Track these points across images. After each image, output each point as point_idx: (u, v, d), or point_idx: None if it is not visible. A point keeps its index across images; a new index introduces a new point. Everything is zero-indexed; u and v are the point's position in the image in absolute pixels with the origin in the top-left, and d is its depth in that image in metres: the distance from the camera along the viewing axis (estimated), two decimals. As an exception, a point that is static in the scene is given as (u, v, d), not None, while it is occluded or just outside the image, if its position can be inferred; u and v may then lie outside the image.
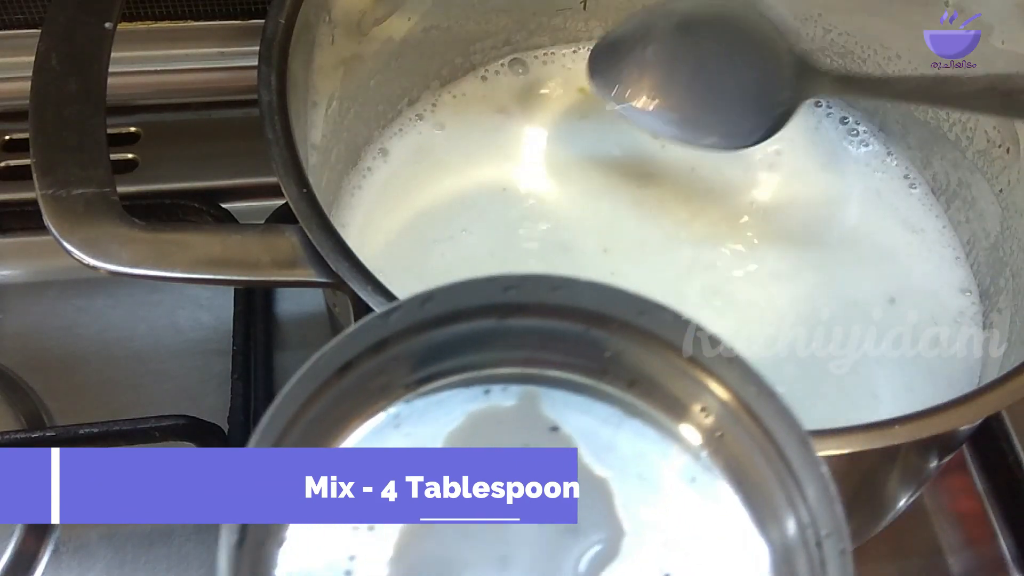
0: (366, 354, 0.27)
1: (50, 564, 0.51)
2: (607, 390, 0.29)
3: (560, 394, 0.29)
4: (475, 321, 0.28)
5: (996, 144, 0.52)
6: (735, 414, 0.27)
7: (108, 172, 0.40)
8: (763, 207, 0.56)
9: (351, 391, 0.27)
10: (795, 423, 0.26)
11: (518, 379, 0.29)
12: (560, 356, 0.29)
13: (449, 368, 0.29)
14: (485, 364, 0.29)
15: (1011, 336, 0.49)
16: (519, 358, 0.29)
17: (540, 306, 0.28)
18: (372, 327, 0.27)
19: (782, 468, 0.26)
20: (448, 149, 0.57)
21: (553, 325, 0.28)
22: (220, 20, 0.67)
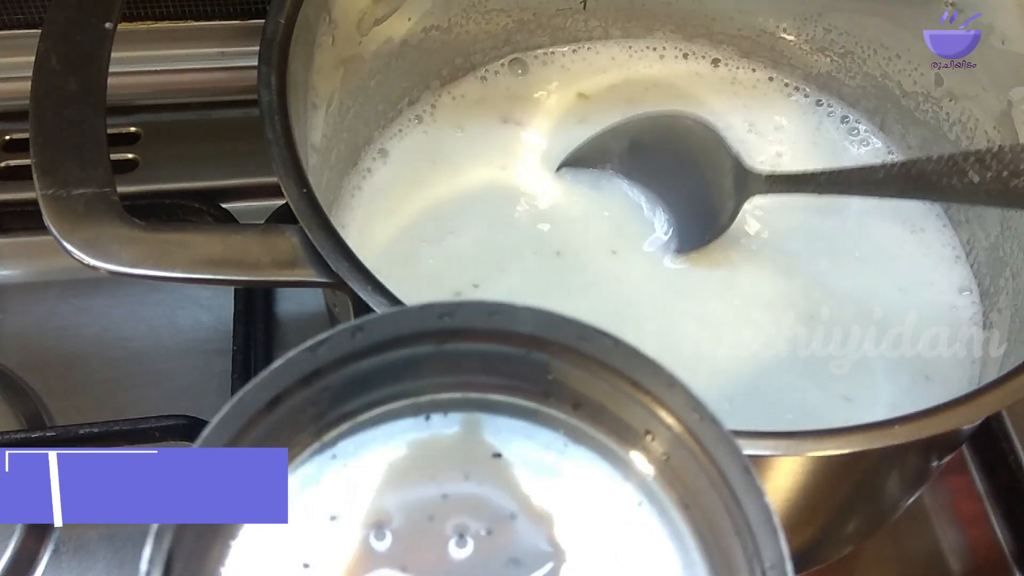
0: (295, 387, 0.26)
1: (50, 564, 0.51)
2: (551, 413, 0.28)
3: (503, 419, 0.28)
4: (412, 347, 0.27)
5: (996, 144, 0.52)
6: (681, 439, 0.26)
7: (108, 172, 0.40)
8: (763, 207, 0.56)
9: (281, 425, 0.26)
10: (737, 451, 0.25)
11: (459, 404, 0.28)
12: (502, 379, 0.28)
13: (387, 395, 0.28)
14: (424, 390, 0.28)
15: (1011, 336, 0.49)
16: (459, 382, 0.28)
17: (478, 331, 0.27)
18: (299, 361, 0.26)
19: (728, 496, 0.26)
20: (448, 149, 0.57)
21: (493, 349, 0.27)
22: (220, 20, 0.67)
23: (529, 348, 0.27)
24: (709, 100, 0.61)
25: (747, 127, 0.59)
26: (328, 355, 0.26)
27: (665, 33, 0.62)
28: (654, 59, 0.62)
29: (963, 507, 0.55)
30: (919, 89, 0.56)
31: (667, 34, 0.62)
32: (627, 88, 0.61)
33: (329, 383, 0.27)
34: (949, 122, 0.55)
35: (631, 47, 0.62)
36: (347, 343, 0.27)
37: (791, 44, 0.61)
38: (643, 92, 0.61)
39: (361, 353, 0.27)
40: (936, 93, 0.55)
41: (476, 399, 0.28)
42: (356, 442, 0.27)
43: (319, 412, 0.27)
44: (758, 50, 0.62)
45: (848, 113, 0.60)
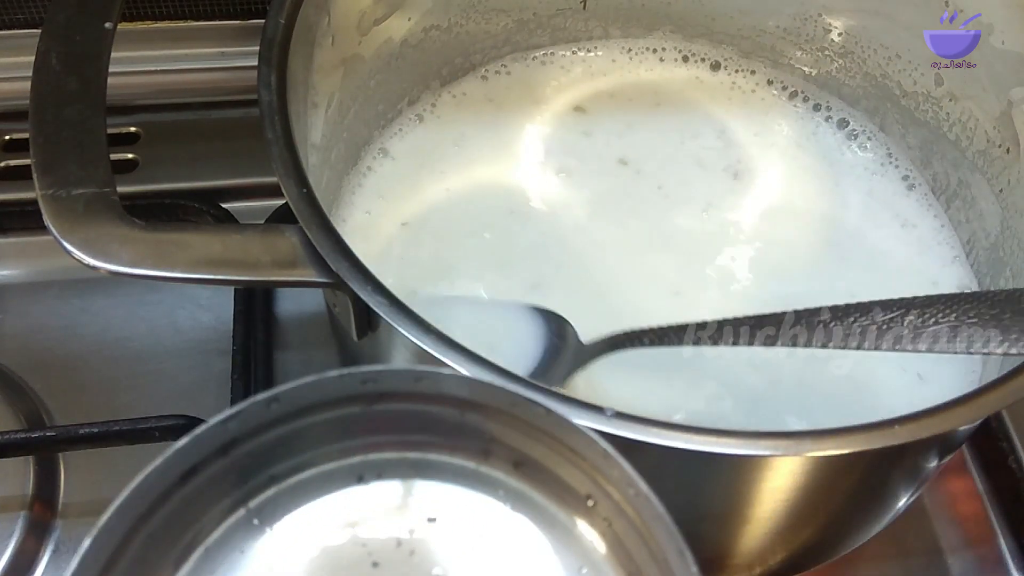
0: (212, 457, 0.25)
1: (50, 564, 0.51)
2: (491, 474, 0.27)
3: (439, 483, 0.27)
4: (337, 410, 0.26)
5: (996, 144, 0.52)
6: (621, 508, 0.26)
7: (108, 172, 0.40)
8: (764, 208, 0.56)
9: (201, 494, 0.25)
10: (672, 530, 0.24)
11: (394, 465, 0.27)
12: (439, 438, 0.27)
13: (317, 457, 0.26)
14: (357, 451, 0.27)
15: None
16: (394, 442, 0.27)
17: (408, 394, 0.26)
18: (210, 435, 0.25)
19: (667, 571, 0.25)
20: (448, 149, 0.57)
21: (427, 409, 0.26)
22: (220, 20, 0.67)
23: (463, 410, 0.26)
24: (707, 104, 0.61)
25: (743, 136, 0.59)
26: (242, 427, 0.25)
27: (665, 33, 0.62)
28: (654, 62, 0.62)
29: (963, 507, 0.55)
30: (919, 89, 0.56)
31: (667, 34, 0.62)
32: (627, 91, 0.61)
33: (250, 449, 0.26)
34: (949, 122, 0.55)
35: (631, 48, 0.62)
36: (262, 414, 0.25)
37: (791, 44, 0.61)
38: (643, 95, 0.61)
39: (279, 420, 0.26)
40: (936, 93, 0.55)
41: (413, 459, 0.27)
42: (284, 507, 0.26)
43: (242, 477, 0.26)
44: (758, 50, 0.62)
45: (847, 115, 0.60)
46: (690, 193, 0.56)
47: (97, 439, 0.50)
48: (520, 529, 0.27)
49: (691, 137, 0.59)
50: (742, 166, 0.58)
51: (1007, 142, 0.51)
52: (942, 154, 0.56)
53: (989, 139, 0.53)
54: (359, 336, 0.42)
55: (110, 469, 0.53)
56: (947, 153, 0.56)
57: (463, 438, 0.27)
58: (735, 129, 0.59)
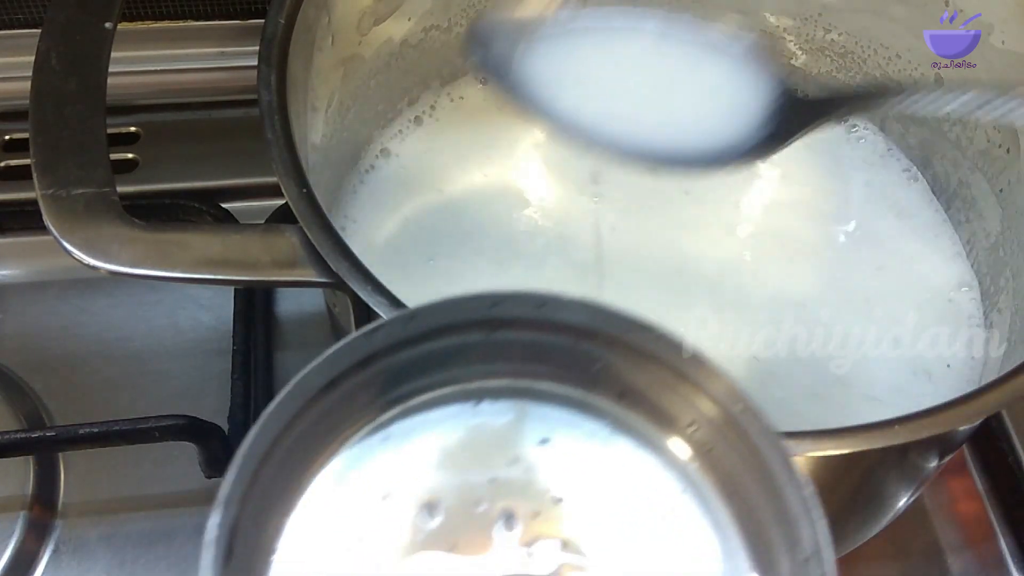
0: (351, 371, 0.27)
1: (50, 564, 0.51)
2: (597, 402, 0.29)
3: (550, 407, 0.29)
4: (462, 335, 0.28)
5: (996, 144, 0.52)
6: (723, 430, 0.27)
7: (108, 172, 0.40)
8: (763, 206, 0.56)
9: (336, 408, 0.27)
10: (779, 443, 0.26)
11: (508, 392, 0.29)
12: (549, 368, 0.29)
13: (437, 381, 0.29)
14: (474, 377, 0.29)
15: (1011, 336, 0.49)
16: (508, 370, 0.29)
17: (527, 321, 0.28)
18: (356, 346, 0.27)
19: (770, 486, 0.26)
20: (448, 149, 0.57)
21: (541, 338, 0.28)
22: (220, 20, 0.67)
23: (576, 338, 0.28)
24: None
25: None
26: (383, 341, 0.27)
27: (665, 33, 0.62)
28: (654, 59, 0.62)
29: (963, 507, 0.55)
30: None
31: (667, 34, 0.62)
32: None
33: (383, 367, 0.28)
34: (949, 122, 0.55)
35: (631, 47, 0.62)
36: (401, 330, 0.27)
37: (791, 44, 0.61)
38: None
39: (413, 340, 0.28)
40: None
41: (524, 387, 0.29)
42: (408, 425, 0.28)
43: (373, 396, 0.28)
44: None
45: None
46: (693, 188, 0.56)
47: (97, 439, 0.50)
48: (624, 454, 0.28)
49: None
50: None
51: (1007, 142, 0.51)
52: (942, 154, 0.56)
53: (989, 139, 0.53)
54: (359, 336, 0.42)
55: (110, 469, 0.53)
56: (947, 153, 0.56)
57: (572, 369, 0.29)
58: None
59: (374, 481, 0.28)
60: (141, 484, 0.53)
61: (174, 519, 0.52)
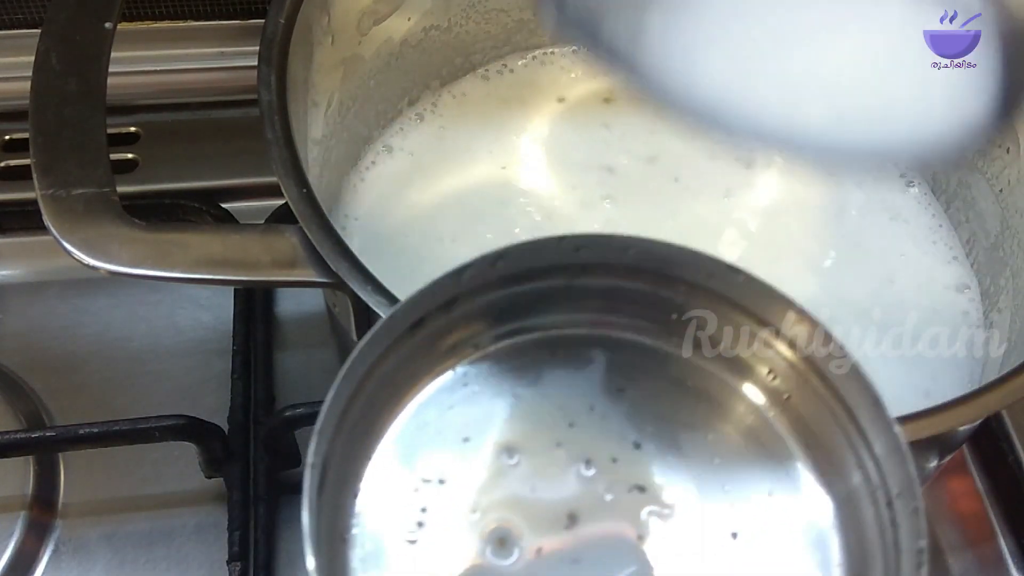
0: (437, 312, 0.28)
1: (50, 564, 0.51)
2: (673, 352, 0.29)
3: (626, 355, 0.29)
4: (544, 281, 0.28)
5: (996, 144, 0.52)
6: (804, 376, 0.27)
7: (108, 172, 0.40)
8: (762, 208, 0.56)
9: (422, 348, 0.28)
10: (868, 384, 0.26)
11: (585, 340, 0.29)
12: (627, 318, 0.29)
13: (517, 328, 0.29)
14: (553, 325, 0.29)
15: (1011, 336, 0.49)
16: (587, 319, 0.29)
17: (609, 266, 0.28)
18: (444, 284, 0.27)
19: (852, 429, 0.26)
20: (448, 149, 0.57)
21: (621, 285, 0.28)
22: (220, 20, 0.67)
23: (656, 286, 0.28)
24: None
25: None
26: (471, 281, 0.28)
27: (665, 33, 0.62)
28: (654, 59, 0.62)
29: (963, 507, 0.55)
30: (919, 89, 0.56)
31: (667, 34, 0.62)
32: (627, 91, 0.61)
33: (466, 311, 0.28)
34: (949, 122, 0.55)
35: (631, 47, 0.62)
36: (489, 270, 0.28)
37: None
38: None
39: (498, 283, 0.28)
40: (936, 93, 0.55)
41: (601, 336, 0.29)
42: (488, 370, 0.29)
43: (456, 341, 0.29)
44: (758, 50, 0.61)
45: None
46: (700, 185, 0.56)
47: (97, 439, 0.50)
48: (699, 402, 0.29)
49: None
50: (744, 156, 0.58)
51: (1007, 142, 0.51)
52: (942, 154, 0.56)
53: (989, 139, 0.53)
54: (359, 336, 0.42)
55: (110, 469, 0.53)
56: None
57: (649, 319, 0.29)
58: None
59: (455, 424, 0.28)
60: (141, 484, 0.53)
61: (174, 519, 0.52)
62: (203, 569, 0.51)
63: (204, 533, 0.51)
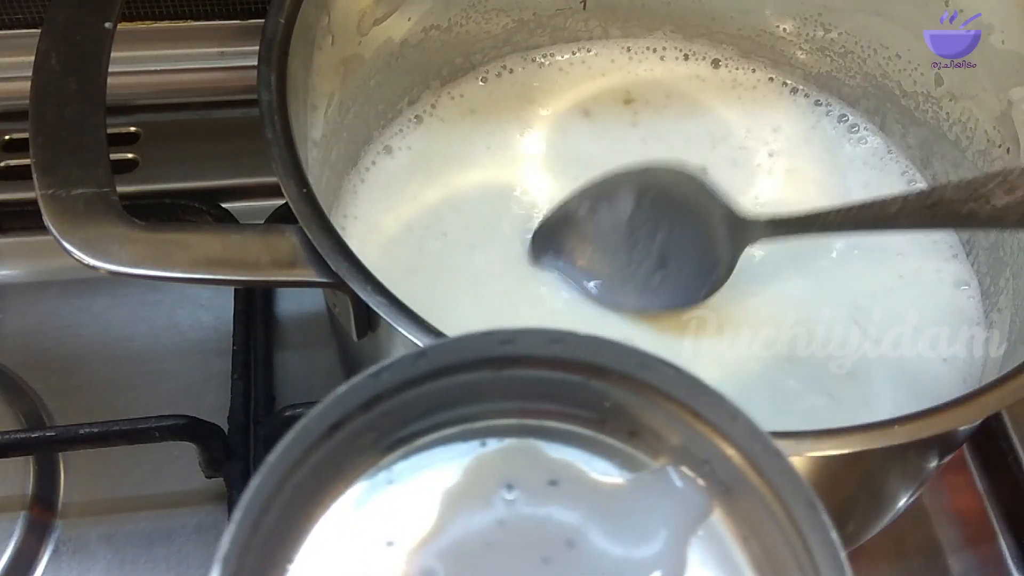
0: (356, 412, 0.26)
1: (50, 564, 0.51)
2: (607, 441, 0.28)
3: (558, 446, 0.28)
4: (470, 373, 0.27)
5: (996, 144, 0.52)
6: (741, 471, 0.26)
7: (108, 172, 0.40)
8: (764, 206, 0.56)
9: (341, 450, 0.26)
10: (802, 485, 0.25)
11: (515, 431, 0.28)
12: (559, 406, 0.28)
13: (443, 421, 0.28)
14: (481, 416, 0.28)
15: (1011, 336, 0.49)
16: (516, 409, 0.28)
17: (537, 358, 0.27)
18: (361, 387, 0.26)
19: (790, 529, 0.25)
20: (448, 149, 0.57)
21: (551, 376, 0.27)
22: (220, 20, 0.67)
23: (587, 376, 0.27)
24: (709, 102, 0.61)
25: (745, 131, 0.59)
26: (390, 380, 0.26)
27: (665, 33, 0.62)
28: (654, 60, 0.62)
29: (963, 507, 0.55)
30: (919, 89, 0.56)
31: (667, 34, 0.62)
32: (628, 90, 0.61)
33: (388, 408, 0.27)
34: (949, 122, 0.55)
35: (631, 47, 0.62)
36: (409, 369, 0.27)
37: (791, 44, 0.61)
38: (643, 93, 0.61)
39: (421, 379, 0.27)
40: (936, 93, 0.55)
41: (532, 425, 0.28)
42: (413, 466, 0.28)
43: (378, 437, 0.27)
44: (758, 50, 0.62)
45: (847, 112, 0.60)
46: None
47: (97, 439, 0.50)
48: (636, 494, 0.28)
49: (695, 132, 0.59)
50: (746, 159, 0.58)
51: (1007, 142, 0.51)
52: (942, 154, 0.56)
53: (989, 139, 0.53)
54: (359, 336, 0.42)
55: (110, 469, 0.53)
56: (947, 153, 0.56)
57: (582, 407, 0.28)
58: (738, 123, 0.60)
59: (378, 527, 0.27)
60: (141, 484, 0.53)
61: (174, 519, 0.52)
62: (203, 569, 0.50)
63: (204, 533, 0.51)
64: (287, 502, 0.25)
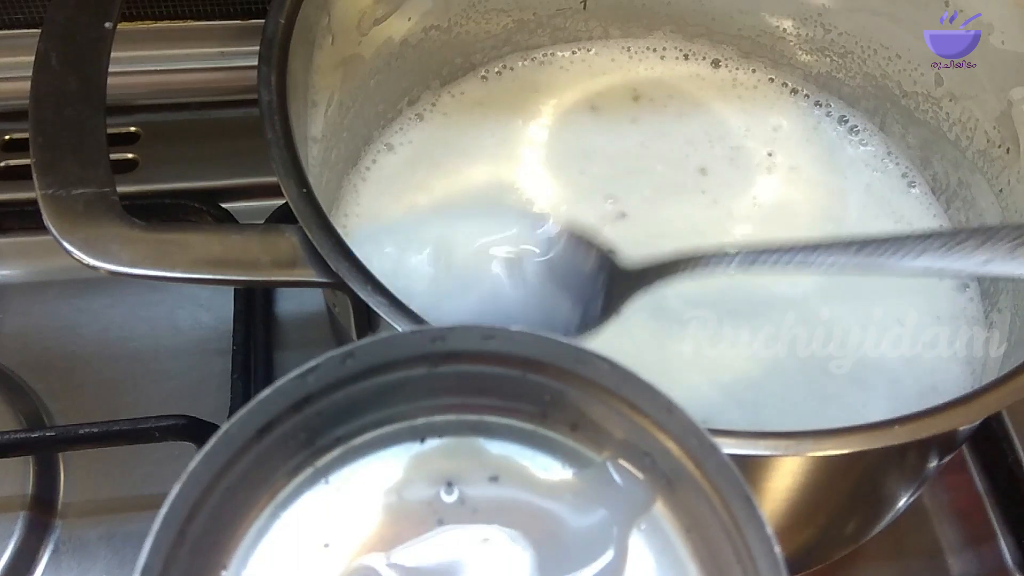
0: (286, 413, 0.26)
1: (50, 564, 0.51)
2: (549, 435, 0.28)
3: (499, 442, 0.28)
4: (405, 370, 0.27)
5: (996, 144, 0.52)
6: (682, 464, 0.26)
7: (108, 172, 0.40)
8: (763, 207, 0.56)
9: (272, 452, 0.26)
10: (737, 480, 0.25)
11: (454, 427, 0.28)
12: (498, 401, 0.28)
13: (381, 419, 0.27)
14: (419, 413, 0.28)
15: (1011, 336, 0.49)
16: (455, 404, 0.28)
17: (473, 354, 0.27)
18: (289, 389, 0.26)
19: (728, 522, 0.25)
20: (448, 149, 0.57)
21: (488, 371, 0.27)
22: (220, 20, 0.67)
23: (525, 370, 0.27)
24: (709, 101, 0.61)
25: (744, 131, 0.59)
26: (318, 382, 0.26)
27: (665, 33, 0.62)
28: (654, 60, 0.62)
29: (963, 506, 0.55)
30: (919, 89, 0.56)
31: (667, 34, 0.62)
32: (628, 89, 0.61)
33: (321, 408, 0.26)
34: (949, 122, 0.55)
35: (631, 47, 0.62)
36: (337, 369, 0.26)
37: (791, 44, 0.61)
38: (643, 93, 0.61)
39: (352, 378, 0.26)
40: (936, 93, 0.55)
41: (472, 421, 0.28)
42: (350, 466, 0.27)
43: (311, 437, 0.27)
44: (758, 50, 0.62)
45: (847, 113, 0.60)
46: (699, 185, 0.56)
47: (97, 439, 0.50)
48: (578, 488, 0.27)
49: (694, 132, 0.59)
50: (746, 159, 0.58)
51: (1007, 142, 0.51)
52: (942, 154, 0.56)
53: (989, 139, 0.53)
54: (359, 336, 0.42)
55: (110, 469, 0.53)
56: (947, 153, 0.56)
57: (522, 401, 0.28)
58: (738, 123, 0.60)
59: (314, 528, 0.26)
60: (141, 484, 0.53)
61: (174, 519, 0.52)
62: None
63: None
64: (216, 507, 0.25)
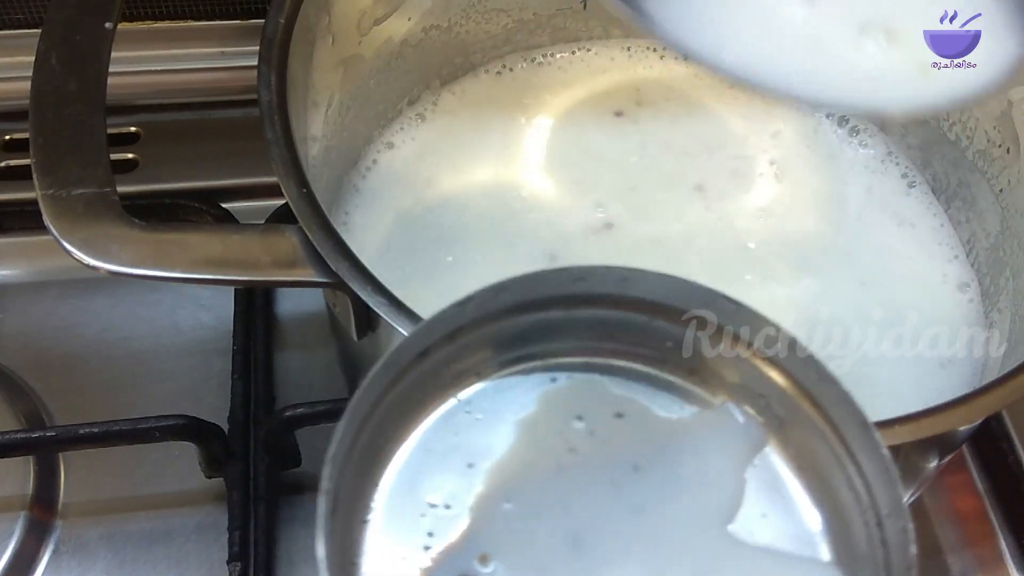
0: (442, 342, 0.28)
1: (50, 564, 0.51)
2: (669, 378, 0.30)
3: (623, 382, 0.30)
4: (544, 312, 0.29)
5: (996, 144, 0.52)
6: (795, 401, 0.28)
7: (108, 172, 0.40)
8: (763, 207, 0.56)
9: (428, 377, 0.29)
10: (856, 409, 0.27)
11: (583, 368, 0.30)
12: (624, 345, 0.30)
13: (518, 356, 0.30)
14: (552, 353, 0.30)
15: (1011, 336, 0.49)
16: (585, 347, 0.30)
17: (606, 297, 0.29)
18: (449, 315, 0.28)
19: (843, 452, 0.27)
20: (448, 148, 0.57)
21: (618, 315, 0.30)
22: (220, 20, 0.67)
23: (652, 315, 0.30)
24: (709, 102, 0.61)
25: (744, 133, 0.59)
26: (474, 311, 0.29)
27: (665, 33, 0.62)
28: (654, 60, 0.62)
29: (963, 506, 0.55)
30: (919, 89, 0.56)
31: (667, 34, 0.62)
32: (628, 89, 0.61)
33: (469, 341, 0.29)
34: (949, 122, 0.55)
35: (631, 47, 0.62)
36: (492, 301, 0.29)
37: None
38: (643, 93, 0.61)
39: (500, 314, 0.29)
40: (936, 93, 0.55)
41: (599, 363, 0.31)
42: (488, 397, 0.30)
43: (460, 369, 0.30)
44: (758, 50, 0.62)
45: (847, 115, 0.60)
46: (699, 186, 0.56)
47: (97, 439, 0.50)
48: (696, 427, 0.30)
49: (694, 133, 0.59)
50: (745, 159, 0.58)
51: (1007, 142, 0.51)
52: (942, 154, 0.56)
53: (989, 139, 0.53)
54: (359, 336, 0.42)
55: (110, 469, 0.53)
56: (947, 153, 0.56)
57: (644, 346, 0.30)
58: (738, 124, 0.60)
59: (459, 450, 0.29)
60: (141, 484, 0.53)
61: (174, 519, 0.52)
62: (203, 569, 0.51)
63: (204, 533, 0.51)
64: (381, 419, 0.28)
